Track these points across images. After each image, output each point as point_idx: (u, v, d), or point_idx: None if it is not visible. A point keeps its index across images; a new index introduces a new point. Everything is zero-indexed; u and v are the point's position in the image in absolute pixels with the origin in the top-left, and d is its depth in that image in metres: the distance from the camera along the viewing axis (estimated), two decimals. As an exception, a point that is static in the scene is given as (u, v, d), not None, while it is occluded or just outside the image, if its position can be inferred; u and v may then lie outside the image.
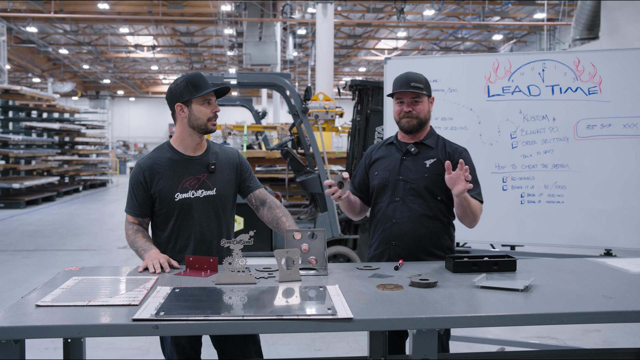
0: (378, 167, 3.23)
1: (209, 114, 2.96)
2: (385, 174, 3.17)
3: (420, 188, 3.08)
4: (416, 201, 3.08)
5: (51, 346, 4.90)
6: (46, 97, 17.95)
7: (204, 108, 2.95)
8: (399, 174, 3.13)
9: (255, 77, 7.23)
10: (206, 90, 2.93)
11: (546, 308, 2.19)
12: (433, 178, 3.07)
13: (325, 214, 6.65)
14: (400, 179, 3.12)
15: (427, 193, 3.08)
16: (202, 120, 2.95)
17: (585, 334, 5.29)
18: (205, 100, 2.95)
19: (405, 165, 3.14)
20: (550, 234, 4.39)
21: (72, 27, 27.00)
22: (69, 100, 40.65)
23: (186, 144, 3.02)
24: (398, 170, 3.14)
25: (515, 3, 22.40)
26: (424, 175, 3.08)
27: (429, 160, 3.11)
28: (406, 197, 3.10)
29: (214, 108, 2.98)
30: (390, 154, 3.22)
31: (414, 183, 3.09)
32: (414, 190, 3.09)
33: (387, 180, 3.16)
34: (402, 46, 32.00)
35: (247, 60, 22.02)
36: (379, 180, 3.18)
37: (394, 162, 3.17)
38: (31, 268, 8.22)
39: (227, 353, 3.01)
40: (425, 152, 3.14)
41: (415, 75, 3.12)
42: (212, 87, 2.98)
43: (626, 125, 4.16)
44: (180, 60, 36.23)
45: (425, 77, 3.14)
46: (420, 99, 3.10)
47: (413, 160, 3.13)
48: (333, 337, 5.16)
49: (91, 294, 2.33)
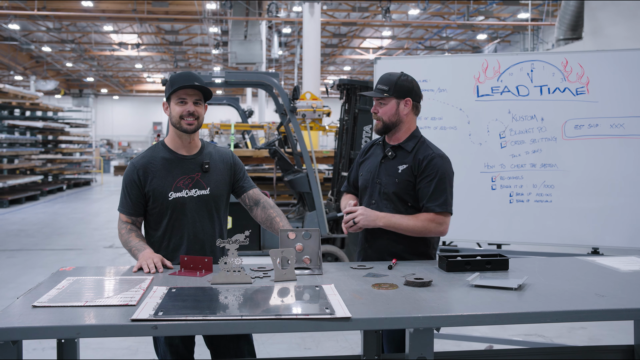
0: (364, 168, 3.24)
1: (181, 112, 2.93)
2: (367, 176, 3.18)
3: (390, 193, 3.06)
4: (388, 205, 3.06)
5: (39, 346, 4.87)
6: (29, 95, 17.78)
7: (177, 106, 2.94)
8: (377, 176, 3.13)
9: (243, 76, 7.21)
10: (175, 87, 2.90)
11: (540, 306, 2.23)
12: (402, 185, 3.04)
13: (314, 212, 6.67)
14: (377, 182, 3.12)
15: (396, 199, 3.05)
16: (176, 119, 2.95)
17: (571, 331, 5.36)
18: (179, 99, 2.94)
19: (382, 168, 3.12)
20: (538, 232, 4.44)
21: (55, 24, 26.71)
22: (52, 98, 40.22)
23: (177, 143, 3.02)
24: (377, 172, 3.13)
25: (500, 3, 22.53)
26: (395, 181, 3.05)
27: (402, 165, 3.06)
28: (380, 201, 3.09)
29: (188, 107, 2.93)
30: (374, 155, 3.22)
31: (385, 187, 3.08)
32: (386, 194, 3.07)
33: (367, 181, 3.17)
34: (387, 45, 32.09)
35: (232, 59, 21.95)
36: (362, 181, 3.21)
37: (374, 164, 3.16)
38: (16, 268, 8.15)
39: (221, 352, 3.01)
40: (401, 156, 3.09)
41: (387, 77, 3.09)
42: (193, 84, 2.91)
43: (613, 125, 4.22)
44: (165, 58, 36.02)
45: (399, 78, 3.06)
46: (385, 101, 3.06)
47: (389, 164, 3.11)
48: (322, 335, 5.18)
49: (87, 295, 2.33)
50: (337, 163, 7.18)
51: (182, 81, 2.92)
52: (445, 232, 3.03)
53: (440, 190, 2.98)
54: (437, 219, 2.98)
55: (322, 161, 11.20)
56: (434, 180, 2.98)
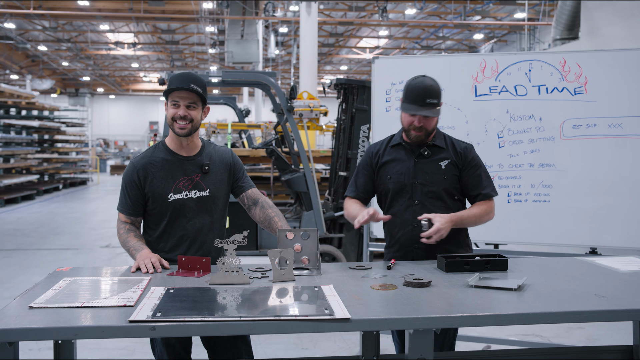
0: (390, 171, 3.18)
1: (173, 114, 2.91)
2: (401, 178, 3.14)
3: (440, 191, 3.09)
4: (435, 203, 3.08)
5: (35, 347, 4.85)
6: (25, 95, 17.71)
7: (171, 109, 2.93)
8: (414, 177, 3.11)
9: (241, 75, 7.22)
10: (169, 88, 2.89)
11: (540, 307, 2.21)
12: (450, 180, 3.09)
13: (311, 212, 6.66)
14: (417, 182, 3.11)
15: (445, 195, 3.09)
16: (169, 121, 2.94)
17: (569, 331, 5.35)
18: (173, 102, 2.92)
19: (419, 168, 3.12)
20: (536, 232, 4.43)
21: (51, 23, 26.66)
22: (48, 97, 40.16)
23: (177, 143, 3.01)
24: (413, 173, 3.12)
25: (496, 2, 22.58)
26: (442, 177, 3.09)
27: (444, 161, 3.10)
28: (425, 200, 3.09)
29: (180, 110, 2.90)
30: (400, 157, 3.18)
31: (432, 186, 3.09)
32: (433, 192, 3.09)
33: (403, 184, 3.13)
34: (383, 45, 32.11)
35: (229, 58, 21.95)
36: (394, 184, 3.15)
37: (407, 165, 3.14)
38: (12, 268, 8.11)
39: (218, 352, 3.00)
40: (437, 153, 3.13)
41: (431, 87, 3.04)
42: (190, 87, 2.88)
43: (611, 125, 4.21)
44: (161, 57, 35.97)
45: (438, 86, 3.09)
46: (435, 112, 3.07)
47: (427, 163, 3.12)
48: (320, 335, 5.16)
49: (85, 295, 2.31)
50: (335, 163, 7.16)
51: (176, 83, 2.88)
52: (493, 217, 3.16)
53: (487, 176, 3.17)
54: (492, 204, 3.13)
55: (319, 161, 11.19)
56: (479, 168, 3.14)
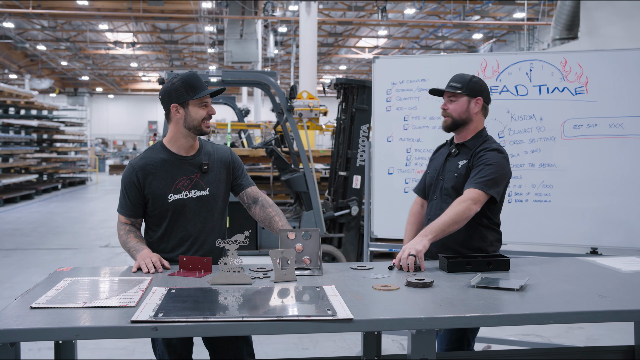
0: (430, 166, 3.34)
1: (204, 115, 2.95)
2: (433, 174, 3.26)
3: (449, 188, 3.12)
4: (448, 201, 3.07)
5: (35, 347, 4.84)
6: (24, 94, 17.69)
7: (200, 110, 2.94)
8: (440, 173, 3.20)
9: (240, 75, 7.20)
10: (203, 93, 2.92)
11: (543, 308, 2.21)
12: (460, 178, 3.09)
13: (311, 212, 6.65)
14: (440, 178, 3.19)
15: (454, 193, 3.08)
16: (197, 122, 2.94)
17: (569, 331, 5.35)
18: (202, 103, 2.94)
19: (446, 165, 3.19)
20: (537, 232, 4.42)
21: (50, 23, 26.64)
22: (47, 97, 40.06)
23: (180, 144, 2.99)
24: (441, 169, 3.20)
25: (496, 2, 22.58)
26: (454, 175, 3.11)
27: (462, 161, 3.12)
28: (441, 197, 3.16)
29: (210, 110, 2.98)
30: (441, 154, 3.31)
31: (446, 183, 3.15)
32: (446, 190, 3.14)
33: (433, 179, 3.24)
34: (382, 44, 32.10)
35: (228, 58, 21.93)
36: (429, 178, 3.28)
37: (440, 162, 3.24)
38: (12, 267, 8.10)
39: (219, 352, 2.99)
40: (464, 153, 3.15)
41: (459, 76, 3.15)
42: (208, 88, 2.97)
43: (612, 125, 4.21)
44: (160, 57, 35.93)
45: (471, 78, 3.13)
46: (456, 97, 3.11)
47: (452, 161, 3.18)
48: (320, 335, 5.15)
49: (86, 296, 2.30)
50: (334, 162, 7.16)
51: (203, 86, 2.95)
52: (473, 211, 2.88)
53: (489, 173, 2.96)
54: (471, 196, 2.90)
55: (319, 160, 11.18)
56: (485, 165, 2.99)
